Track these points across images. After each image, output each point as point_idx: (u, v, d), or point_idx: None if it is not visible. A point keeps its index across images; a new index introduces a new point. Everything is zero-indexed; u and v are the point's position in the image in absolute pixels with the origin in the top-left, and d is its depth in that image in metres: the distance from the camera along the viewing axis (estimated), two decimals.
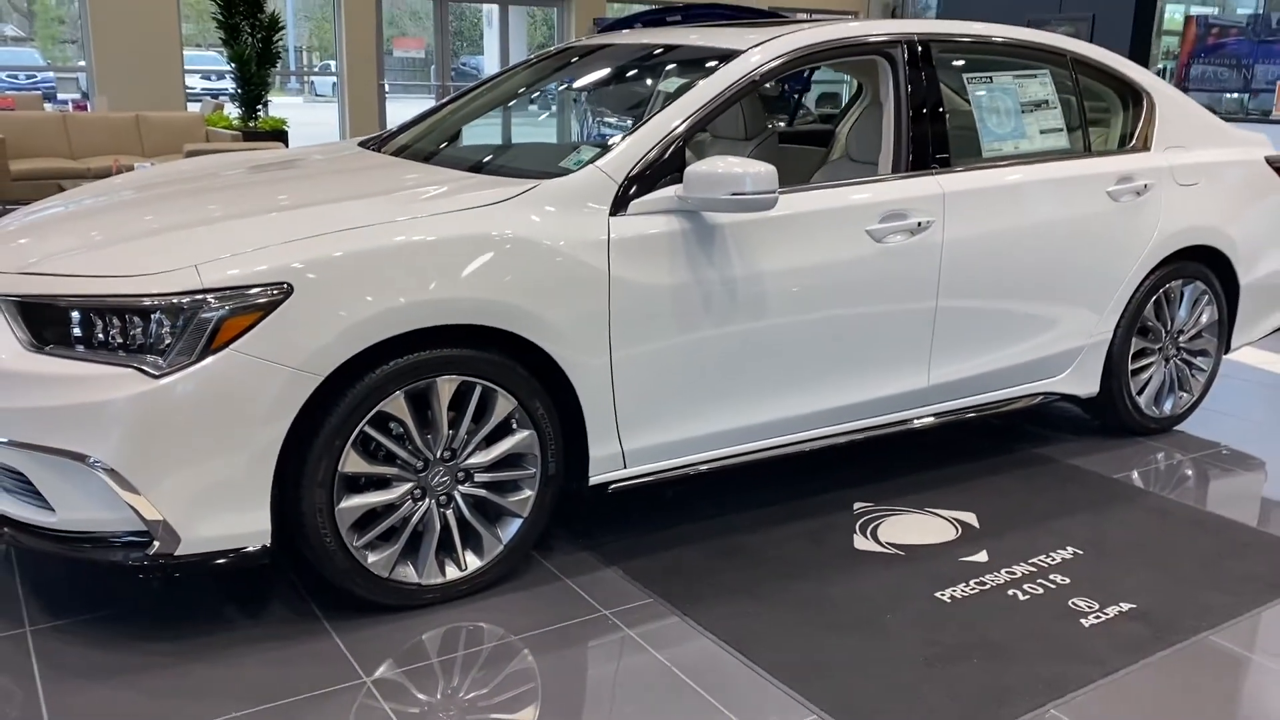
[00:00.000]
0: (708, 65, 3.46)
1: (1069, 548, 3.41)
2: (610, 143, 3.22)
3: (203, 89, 19.33)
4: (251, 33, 10.99)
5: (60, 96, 17.31)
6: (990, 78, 3.96)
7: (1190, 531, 3.57)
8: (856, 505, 3.68)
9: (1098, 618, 2.98)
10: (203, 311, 2.54)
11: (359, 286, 2.66)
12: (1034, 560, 3.31)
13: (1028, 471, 4.06)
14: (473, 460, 2.93)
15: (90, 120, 10.15)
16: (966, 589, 3.12)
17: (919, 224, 3.54)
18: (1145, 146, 4.27)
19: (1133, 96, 4.35)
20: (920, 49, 3.74)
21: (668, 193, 3.11)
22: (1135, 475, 4.09)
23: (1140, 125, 4.30)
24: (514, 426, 2.96)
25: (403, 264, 2.72)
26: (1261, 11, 11.31)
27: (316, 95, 29.26)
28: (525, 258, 2.88)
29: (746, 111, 4.51)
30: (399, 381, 2.75)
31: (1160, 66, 12.73)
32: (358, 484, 2.80)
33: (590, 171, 3.09)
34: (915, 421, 3.78)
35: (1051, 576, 3.21)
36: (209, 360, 2.53)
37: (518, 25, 17.87)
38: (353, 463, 2.74)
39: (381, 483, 2.83)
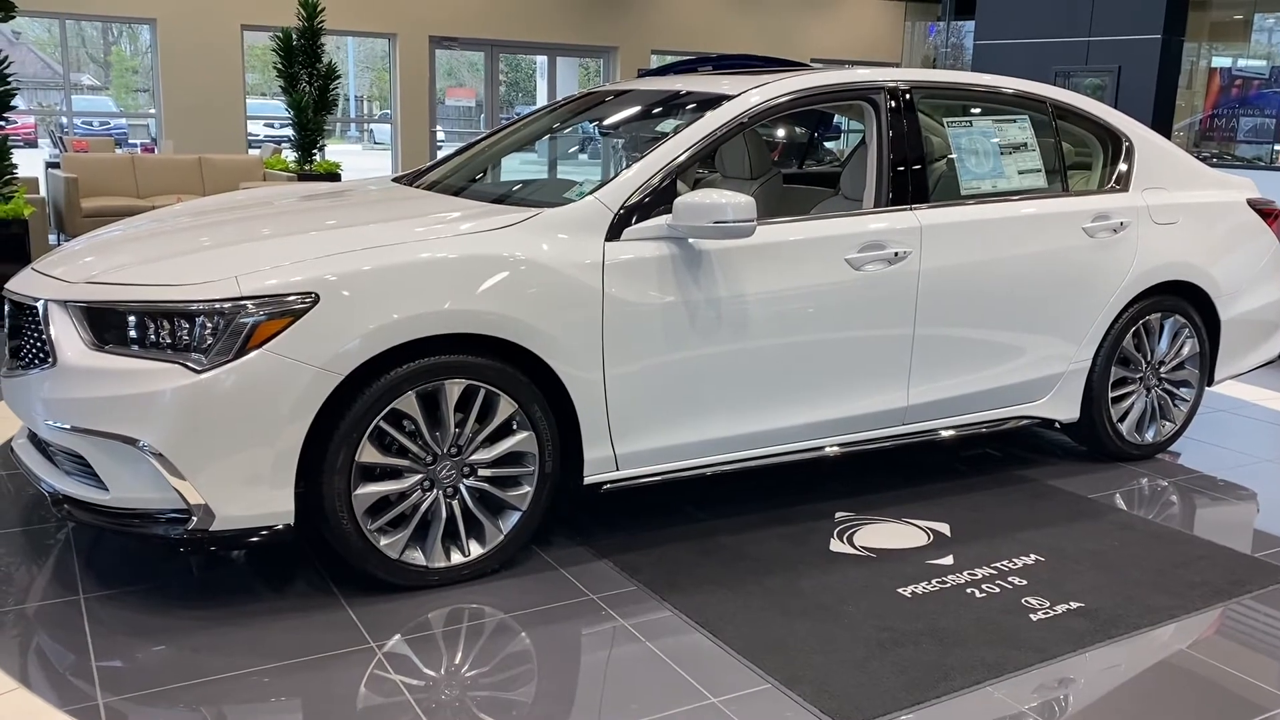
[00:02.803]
0: (702, 108, 3.82)
1: (1032, 555, 3.65)
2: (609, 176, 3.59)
3: (266, 136, 20.20)
4: (309, 81, 11.60)
5: (131, 141, 18.21)
6: (970, 122, 4.28)
7: (1150, 544, 3.80)
8: (838, 514, 3.96)
9: (1046, 613, 3.23)
10: (240, 316, 2.92)
11: (377, 298, 3.03)
12: (996, 564, 3.57)
13: (1007, 490, 4.32)
14: (476, 457, 3.27)
15: (156, 162, 10.79)
16: (928, 586, 3.39)
17: (896, 254, 3.85)
18: (1124, 187, 4.54)
19: (1113, 141, 4.63)
20: (903, 95, 4.07)
21: (659, 221, 3.46)
22: (1111, 496, 4.32)
23: (1119, 168, 4.59)
24: (515, 427, 3.30)
25: (415, 279, 3.09)
26: None
27: (375, 143, 30.20)
28: (527, 277, 3.24)
29: (752, 153, 4.86)
30: (411, 383, 3.10)
31: (1195, 118, 12.93)
32: (373, 473, 3.15)
33: (589, 202, 3.45)
34: (895, 439, 4.06)
35: (1010, 578, 3.47)
36: (244, 359, 2.91)
37: (569, 75, 18.52)
38: (369, 454, 3.09)
39: (394, 473, 3.18)
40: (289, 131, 11.97)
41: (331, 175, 11.48)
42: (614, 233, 3.42)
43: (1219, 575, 3.56)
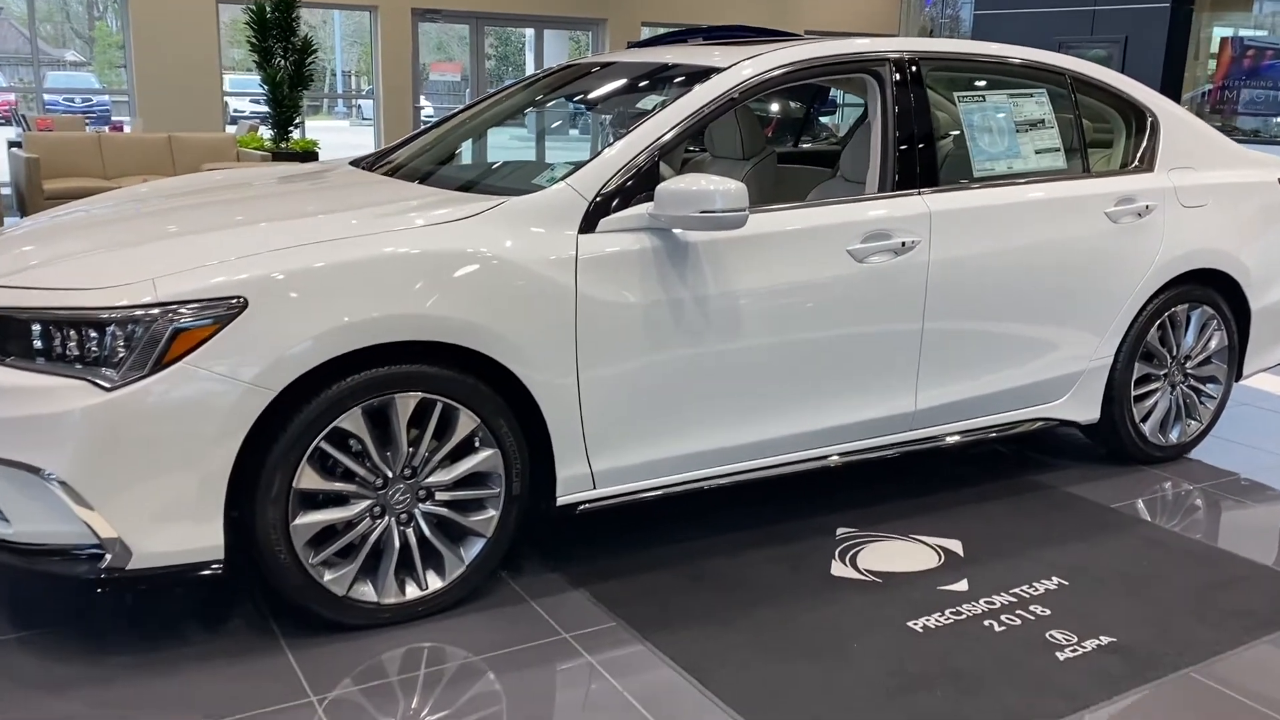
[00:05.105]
0: (689, 82, 3.43)
1: (1054, 578, 3.30)
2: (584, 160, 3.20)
3: (251, 112, 19.72)
4: (284, 56, 11.15)
5: (115, 118, 17.71)
6: (983, 97, 3.89)
7: (1184, 563, 3.45)
8: (839, 531, 3.60)
9: (1074, 651, 2.88)
10: (156, 325, 2.54)
11: (313, 302, 2.65)
12: (1015, 590, 3.21)
13: (1022, 499, 3.96)
14: (434, 479, 2.90)
15: (124, 141, 10.35)
16: (941, 619, 3.03)
17: (903, 244, 3.48)
18: (1149, 167, 4.17)
19: (1136, 116, 4.25)
20: (910, 67, 3.69)
21: (639, 210, 3.08)
22: (1134, 505, 3.97)
23: (1144, 145, 4.21)
24: (477, 445, 2.93)
25: (357, 280, 2.71)
26: None
27: (363, 119, 29.74)
28: (487, 274, 2.86)
29: (744, 131, 4.47)
30: (356, 398, 2.73)
31: (1202, 90, 12.54)
32: (315, 500, 2.78)
33: (560, 189, 3.06)
34: (902, 446, 3.70)
35: (1031, 607, 3.11)
36: (161, 374, 2.53)
37: (559, 48, 18.06)
38: (308, 479, 2.72)
39: (339, 499, 2.81)
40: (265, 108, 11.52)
41: (308, 154, 11.07)
42: (589, 223, 3.04)
43: (1263, 601, 3.21)
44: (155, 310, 2.55)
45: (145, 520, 2.58)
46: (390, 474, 2.84)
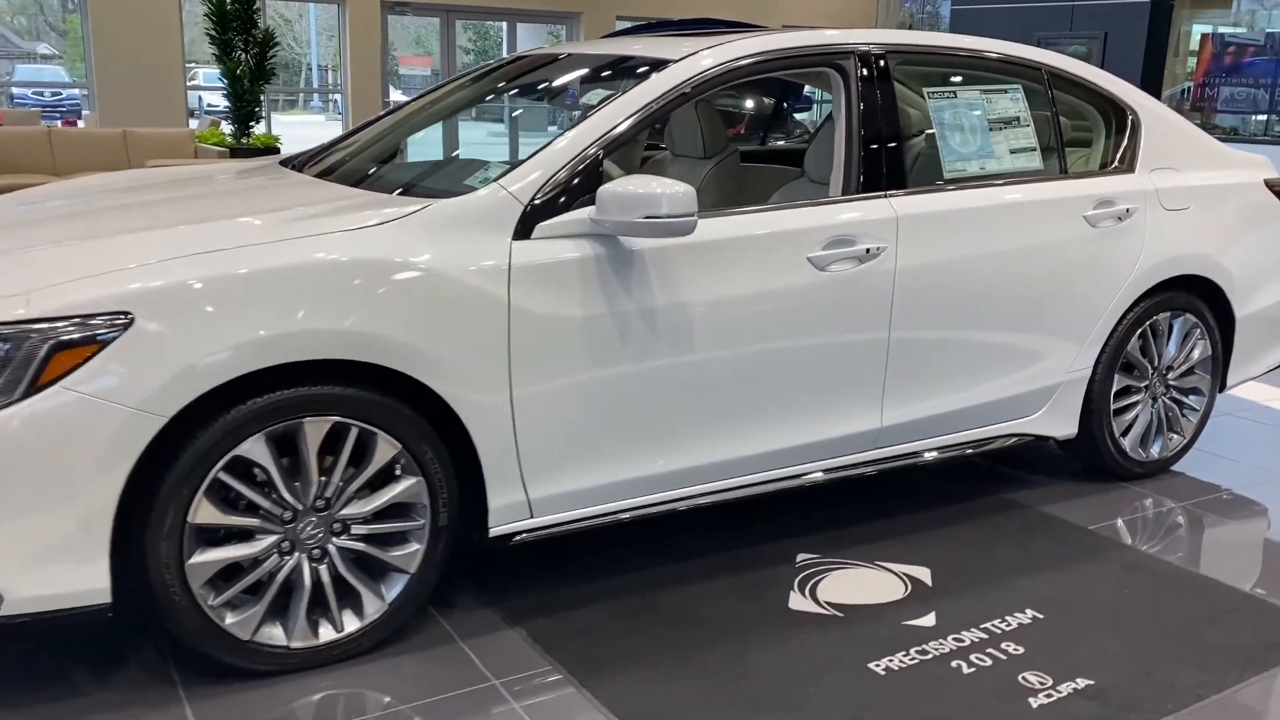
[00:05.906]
0: (639, 75, 3.18)
1: (1028, 610, 3.07)
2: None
3: (225, 107, 19.34)
4: (245, 49, 10.82)
5: (86, 112, 17.32)
6: (955, 93, 3.65)
7: (1166, 592, 3.23)
8: (800, 557, 3.36)
9: (1048, 696, 2.65)
10: (29, 343, 2.27)
11: (210, 317, 2.39)
12: (986, 625, 2.98)
13: (995, 520, 3.73)
14: (350, 510, 2.64)
15: (77, 136, 10.03)
16: (905, 659, 2.80)
17: (868, 251, 3.24)
18: (1129, 168, 3.94)
19: (1116, 114, 4.03)
20: (877, 61, 3.45)
21: (580, 215, 2.83)
22: (1114, 525, 3.74)
23: (1124, 145, 3.98)
24: (398, 473, 2.68)
25: (261, 292, 2.44)
26: None
27: (338, 113, 29.30)
28: (408, 285, 2.60)
29: (705, 128, 4.22)
30: (259, 423, 2.47)
31: (1183, 87, 12.38)
32: (215, 536, 2.52)
33: (492, 191, 2.81)
34: (866, 466, 3.46)
35: (1003, 645, 2.88)
36: (35, 398, 2.27)
37: (537, 42, 17.74)
38: (205, 513, 2.46)
39: (243, 534, 2.55)
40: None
41: (269, 149, 10.76)
42: (524, 229, 2.78)
43: (1250, 636, 2.99)
44: (26, 327, 2.28)
45: (19, 562, 2.31)
46: (300, 506, 2.58)
